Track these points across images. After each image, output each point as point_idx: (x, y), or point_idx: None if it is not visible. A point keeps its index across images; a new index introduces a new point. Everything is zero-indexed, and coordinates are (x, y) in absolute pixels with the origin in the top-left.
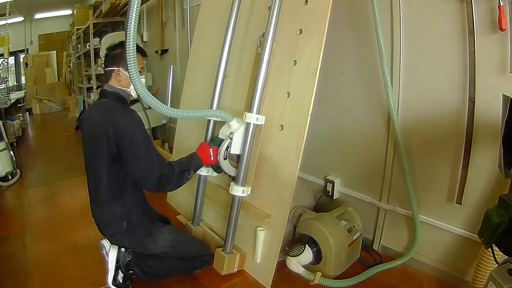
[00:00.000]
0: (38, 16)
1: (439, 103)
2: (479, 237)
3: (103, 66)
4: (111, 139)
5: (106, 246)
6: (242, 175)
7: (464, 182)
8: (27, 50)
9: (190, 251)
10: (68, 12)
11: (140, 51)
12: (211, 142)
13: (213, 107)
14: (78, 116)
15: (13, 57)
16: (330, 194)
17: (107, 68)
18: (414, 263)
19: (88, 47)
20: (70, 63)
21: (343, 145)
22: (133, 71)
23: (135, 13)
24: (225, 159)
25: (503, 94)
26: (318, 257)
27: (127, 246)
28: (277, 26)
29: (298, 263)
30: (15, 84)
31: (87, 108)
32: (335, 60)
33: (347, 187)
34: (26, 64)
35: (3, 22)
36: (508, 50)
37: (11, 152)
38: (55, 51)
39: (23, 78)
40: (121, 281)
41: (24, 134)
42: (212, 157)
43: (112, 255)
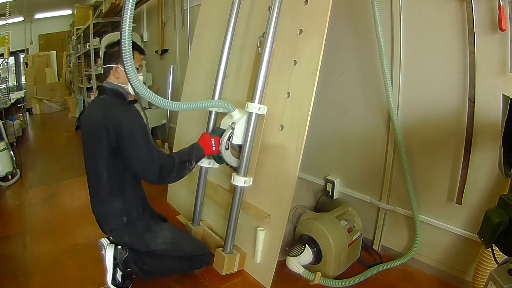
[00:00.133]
0: (38, 16)
1: (439, 103)
2: (479, 237)
3: (102, 64)
4: (110, 133)
5: (105, 245)
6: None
7: (464, 182)
8: (27, 50)
9: (189, 251)
10: (68, 12)
11: (137, 49)
12: (213, 133)
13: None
14: (78, 116)
15: (13, 57)
16: (330, 194)
17: (106, 65)
18: (414, 263)
19: (88, 47)
20: (70, 63)
21: (343, 145)
22: (128, 65)
23: (131, 7)
24: (227, 149)
25: (503, 94)
26: (318, 257)
27: (126, 242)
28: (277, 26)
29: (298, 263)
30: (15, 84)
31: (87, 105)
32: (335, 60)
33: (347, 187)
34: (26, 64)
35: (3, 22)
36: (508, 50)
37: (11, 152)
38: (55, 51)
39: (23, 78)
40: (120, 280)
41: (24, 134)
42: (213, 147)
43: (109, 253)
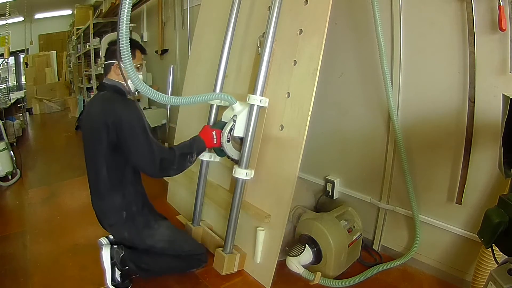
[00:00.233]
0: (38, 16)
1: (439, 103)
2: (479, 237)
3: (104, 60)
4: (110, 128)
5: (104, 244)
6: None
7: (464, 182)
8: (27, 50)
9: (186, 250)
10: (68, 12)
11: (139, 48)
12: (214, 125)
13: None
14: (78, 116)
15: (13, 57)
16: (330, 194)
17: (107, 61)
18: (414, 263)
19: (88, 47)
20: (70, 63)
21: (343, 145)
22: (126, 61)
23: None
24: (228, 141)
25: (503, 94)
26: (318, 257)
27: (126, 237)
28: (277, 26)
29: (298, 263)
30: (15, 84)
31: (87, 102)
32: (335, 60)
33: (347, 187)
34: (26, 64)
35: (3, 22)
36: (508, 50)
37: (11, 152)
38: (55, 51)
39: (23, 78)
40: (119, 279)
41: (24, 134)
42: (215, 139)
43: (105, 253)
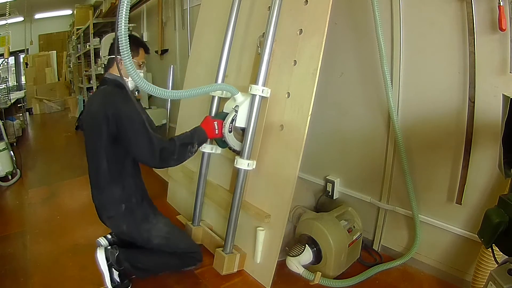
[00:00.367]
0: (38, 16)
1: (439, 103)
2: (479, 237)
3: (108, 55)
4: (110, 120)
5: (103, 243)
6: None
7: (464, 182)
8: (27, 50)
9: (182, 247)
10: (68, 12)
11: (143, 46)
12: (216, 116)
13: (213, 107)
14: (78, 116)
15: (13, 57)
16: (330, 194)
17: (110, 56)
18: (414, 263)
19: (88, 47)
20: (70, 63)
21: (343, 145)
22: (125, 55)
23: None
24: (230, 132)
25: (503, 94)
26: (318, 257)
27: (124, 230)
28: (277, 26)
29: (298, 263)
30: (15, 84)
31: (89, 96)
32: (335, 60)
33: (347, 187)
34: (26, 64)
35: (3, 22)
36: (508, 50)
37: (11, 152)
38: (55, 51)
39: (23, 78)
40: (118, 280)
41: (24, 134)
42: (216, 130)
43: (100, 256)
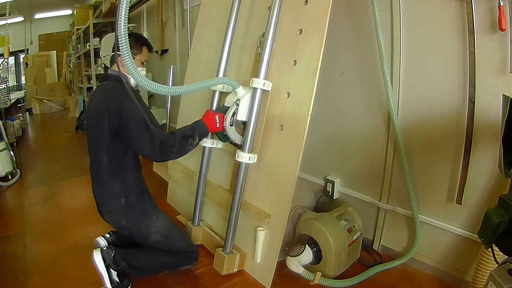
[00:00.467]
0: (38, 16)
1: (439, 103)
2: (479, 237)
3: (112, 51)
4: (112, 114)
5: (102, 243)
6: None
7: (464, 182)
8: (27, 50)
9: (179, 245)
10: (68, 12)
11: (147, 45)
12: (217, 110)
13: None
14: (78, 116)
15: (13, 57)
16: (330, 194)
17: (114, 52)
18: (414, 263)
19: (88, 47)
20: (70, 63)
21: (343, 145)
22: (124, 51)
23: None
24: (231, 125)
25: (503, 94)
26: (318, 257)
27: (123, 225)
28: (277, 26)
29: (298, 263)
30: (15, 84)
31: (90, 95)
32: (335, 60)
33: (347, 187)
34: (26, 64)
35: (3, 22)
36: (508, 50)
37: (11, 152)
38: (55, 51)
39: (23, 78)
40: (118, 280)
41: (24, 134)
42: (218, 123)
43: (97, 258)
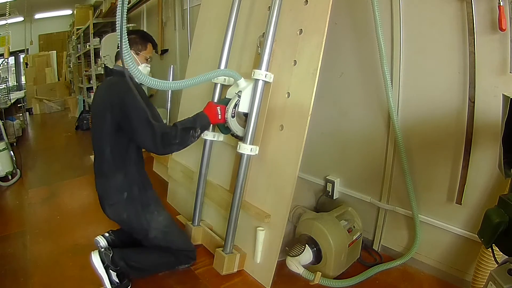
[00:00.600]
0: (38, 16)
1: (439, 103)
2: (479, 237)
3: (117, 48)
4: (114, 107)
5: (101, 243)
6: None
7: (464, 182)
8: (27, 50)
9: (177, 243)
10: (68, 12)
11: (151, 42)
12: (219, 102)
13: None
14: (78, 116)
15: (13, 57)
16: (330, 194)
17: (118, 49)
18: (414, 263)
19: (88, 47)
20: (70, 63)
21: (343, 145)
22: (125, 50)
23: None
24: (233, 117)
25: (503, 94)
26: (318, 257)
27: (125, 219)
28: (277, 26)
29: (298, 263)
30: (15, 84)
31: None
32: (335, 60)
33: (347, 187)
34: (26, 64)
35: (3, 22)
36: (508, 50)
37: (11, 152)
38: (55, 51)
39: (23, 78)
40: (117, 280)
41: (24, 134)
42: (219, 115)
43: (95, 259)
